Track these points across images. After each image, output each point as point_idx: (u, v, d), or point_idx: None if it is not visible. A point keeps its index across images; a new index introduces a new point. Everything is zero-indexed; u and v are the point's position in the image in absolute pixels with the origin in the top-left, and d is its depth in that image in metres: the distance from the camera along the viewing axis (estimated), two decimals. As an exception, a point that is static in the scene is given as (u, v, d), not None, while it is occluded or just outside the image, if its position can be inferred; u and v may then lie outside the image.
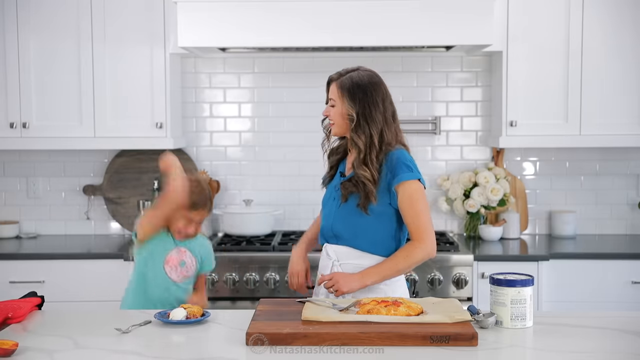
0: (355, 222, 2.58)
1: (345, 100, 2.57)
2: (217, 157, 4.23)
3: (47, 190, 4.25)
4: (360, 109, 2.56)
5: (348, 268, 2.58)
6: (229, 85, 4.20)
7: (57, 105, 3.86)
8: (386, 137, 2.56)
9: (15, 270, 3.66)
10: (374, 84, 2.59)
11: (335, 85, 2.60)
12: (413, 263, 2.55)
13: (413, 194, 2.53)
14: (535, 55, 3.80)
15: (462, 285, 3.54)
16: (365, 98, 2.56)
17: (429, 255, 2.55)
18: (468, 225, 4.11)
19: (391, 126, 2.59)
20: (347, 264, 2.59)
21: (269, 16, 3.54)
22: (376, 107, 2.56)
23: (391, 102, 2.62)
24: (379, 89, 2.59)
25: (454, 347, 1.98)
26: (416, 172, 2.55)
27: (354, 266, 2.58)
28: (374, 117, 2.56)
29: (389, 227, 2.59)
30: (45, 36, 3.83)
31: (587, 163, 4.19)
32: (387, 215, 2.58)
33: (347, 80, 2.59)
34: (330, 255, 2.63)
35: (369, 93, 2.57)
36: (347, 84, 2.58)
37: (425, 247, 2.52)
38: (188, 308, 2.27)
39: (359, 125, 2.56)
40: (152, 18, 3.81)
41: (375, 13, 3.53)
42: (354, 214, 2.57)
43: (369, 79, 2.60)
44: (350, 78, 2.59)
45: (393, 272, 2.54)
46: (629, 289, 3.62)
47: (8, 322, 2.24)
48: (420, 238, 2.53)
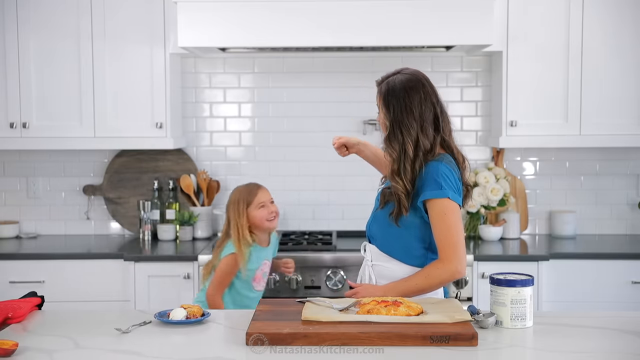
0: (387, 229, 2.52)
1: (382, 109, 2.49)
2: (217, 157, 4.23)
3: (47, 190, 4.25)
4: (394, 117, 2.44)
5: (379, 270, 2.56)
6: (229, 85, 4.20)
7: (57, 105, 3.86)
8: (423, 146, 2.42)
9: (15, 270, 3.66)
10: (409, 89, 2.45)
11: (378, 91, 2.52)
12: (435, 283, 2.42)
13: (440, 211, 2.39)
14: (535, 55, 3.80)
15: (462, 285, 3.54)
16: (398, 105, 2.44)
17: (454, 276, 2.40)
18: (468, 225, 4.11)
19: (428, 133, 2.44)
20: (378, 265, 2.57)
21: (269, 16, 3.54)
22: (410, 114, 2.43)
23: (434, 104, 2.47)
24: (414, 94, 2.44)
25: (454, 347, 1.97)
26: (447, 188, 2.38)
27: (385, 269, 2.54)
28: (408, 125, 2.42)
29: (419, 238, 2.49)
30: (45, 36, 3.83)
31: (587, 163, 4.19)
32: (417, 227, 2.48)
33: (384, 87, 2.49)
34: (366, 254, 2.62)
35: (402, 99, 2.44)
36: (384, 91, 2.48)
37: (448, 268, 2.38)
38: (188, 308, 2.27)
39: (393, 134, 2.44)
40: (152, 18, 3.81)
41: (376, 13, 3.53)
42: (387, 221, 2.50)
43: (405, 83, 2.46)
44: (387, 84, 2.49)
45: (414, 291, 2.43)
46: (628, 289, 3.62)
47: (8, 322, 2.24)
48: (443, 257, 2.40)
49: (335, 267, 3.57)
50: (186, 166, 4.18)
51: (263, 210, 3.14)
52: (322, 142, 4.14)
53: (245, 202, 3.14)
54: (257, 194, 3.16)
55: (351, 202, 4.20)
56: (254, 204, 3.14)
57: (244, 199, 3.15)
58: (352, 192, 4.20)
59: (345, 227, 4.14)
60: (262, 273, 3.18)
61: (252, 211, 3.14)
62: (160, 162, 4.17)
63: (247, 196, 3.15)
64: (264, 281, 3.22)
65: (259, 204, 3.14)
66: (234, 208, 3.14)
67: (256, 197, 3.15)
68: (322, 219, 4.22)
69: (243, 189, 3.20)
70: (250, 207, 3.14)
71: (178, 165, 4.18)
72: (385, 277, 2.55)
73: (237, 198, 3.16)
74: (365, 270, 2.60)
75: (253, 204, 3.14)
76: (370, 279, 2.58)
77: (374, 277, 2.57)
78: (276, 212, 3.19)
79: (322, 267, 3.58)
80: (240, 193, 3.18)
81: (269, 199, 3.19)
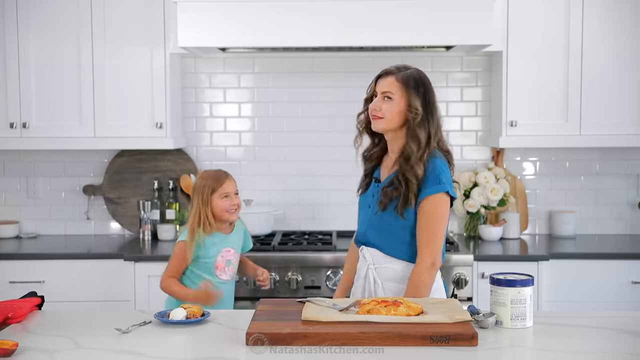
0: (387, 231, 2.55)
1: (410, 94, 2.52)
2: (217, 157, 4.23)
3: (47, 190, 4.25)
4: (425, 104, 2.52)
5: (383, 272, 2.57)
6: (229, 85, 4.20)
7: (57, 105, 3.86)
8: (433, 141, 2.53)
9: (15, 270, 3.66)
10: (430, 83, 2.58)
11: (396, 78, 2.53)
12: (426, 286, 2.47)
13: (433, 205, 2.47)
14: (535, 55, 3.80)
15: (462, 285, 3.54)
16: (428, 94, 2.54)
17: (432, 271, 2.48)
18: (468, 225, 4.11)
19: (440, 130, 2.58)
20: (381, 267, 2.58)
21: (269, 16, 3.54)
22: (435, 105, 2.56)
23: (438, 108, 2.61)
24: (434, 92, 2.57)
25: (454, 347, 1.97)
26: (445, 183, 2.48)
27: (388, 270, 2.56)
28: (435, 116, 2.54)
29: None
30: (45, 36, 3.83)
31: (587, 163, 4.19)
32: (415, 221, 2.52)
33: (410, 75, 2.54)
34: (366, 259, 2.61)
35: (430, 91, 2.55)
36: (411, 79, 2.53)
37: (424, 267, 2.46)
38: (188, 308, 2.27)
39: (422, 121, 2.50)
40: (152, 18, 3.81)
41: (376, 13, 3.52)
42: (387, 222, 2.53)
43: (426, 77, 2.58)
44: (412, 74, 2.55)
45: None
46: (628, 289, 3.62)
47: (8, 322, 2.24)
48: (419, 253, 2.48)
49: (335, 267, 3.57)
50: (186, 166, 4.18)
51: (226, 201, 3.01)
52: (322, 142, 4.14)
53: (210, 188, 3.01)
54: (224, 183, 3.03)
55: (351, 202, 4.15)
56: (218, 192, 3.01)
57: (209, 185, 3.02)
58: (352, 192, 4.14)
59: (345, 227, 4.13)
60: (224, 261, 3.04)
61: (215, 199, 3.01)
62: (160, 162, 4.17)
63: (212, 183, 3.02)
64: (231, 270, 3.07)
65: (223, 193, 3.02)
66: (198, 193, 3.02)
67: (222, 186, 3.02)
68: (322, 219, 4.22)
69: (211, 175, 3.06)
70: (214, 194, 3.01)
71: (178, 165, 4.18)
72: (389, 279, 2.55)
73: (203, 184, 3.02)
74: (369, 273, 2.59)
75: (217, 192, 3.01)
76: (375, 281, 2.57)
77: (379, 279, 2.57)
78: (238, 205, 3.06)
79: (322, 267, 3.58)
80: (206, 179, 3.04)
81: (234, 191, 3.05)
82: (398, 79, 2.53)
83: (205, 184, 3.02)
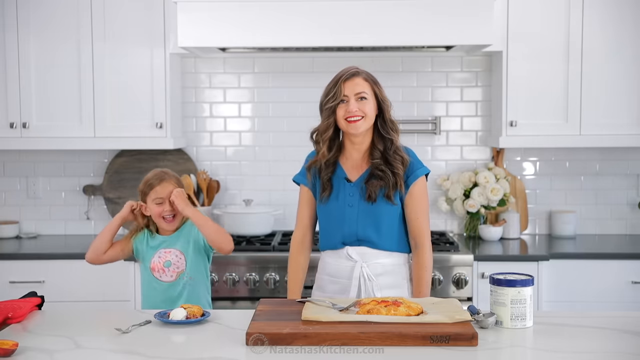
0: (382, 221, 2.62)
1: (377, 89, 2.64)
2: (217, 157, 4.23)
3: (47, 190, 4.25)
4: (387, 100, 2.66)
5: (376, 268, 2.61)
6: (229, 85, 4.20)
7: (57, 105, 3.86)
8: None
9: (15, 270, 3.66)
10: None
11: (363, 78, 2.63)
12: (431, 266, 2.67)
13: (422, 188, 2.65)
14: (535, 55, 3.80)
15: (462, 285, 3.54)
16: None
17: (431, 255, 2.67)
18: (468, 225, 4.11)
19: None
20: (374, 263, 2.62)
21: (269, 16, 3.54)
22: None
23: None
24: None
25: (454, 347, 1.98)
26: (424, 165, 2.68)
27: (381, 265, 2.62)
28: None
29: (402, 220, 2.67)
30: (45, 36, 3.83)
31: (587, 163, 4.19)
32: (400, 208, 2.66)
33: (368, 75, 2.66)
34: (353, 257, 2.64)
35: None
36: (370, 75, 2.66)
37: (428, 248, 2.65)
38: (188, 308, 2.27)
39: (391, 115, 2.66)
40: (152, 18, 3.81)
41: (375, 13, 3.52)
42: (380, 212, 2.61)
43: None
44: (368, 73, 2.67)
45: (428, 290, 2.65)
46: (629, 289, 3.62)
47: (8, 322, 2.24)
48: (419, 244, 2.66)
49: (335, 267, 3.56)
50: (186, 166, 4.18)
51: (159, 207, 2.82)
52: (322, 142, 4.14)
53: (142, 193, 2.86)
54: (155, 187, 2.82)
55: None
56: (150, 197, 2.83)
57: (142, 188, 2.86)
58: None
59: (345, 227, 4.13)
60: (162, 262, 2.84)
61: (149, 203, 2.84)
62: (160, 162, 4.17)
63: (143, 186, 2.85)
64: (171, 272, 2.84)
65: (155, 199, 2.82)
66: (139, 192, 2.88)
67: (152, 191, 2.82)
68: (322, 219, 4.21)
69: (147, 176, 2.87)
70: (147, 198, 2.84)
71: (178, 165, 4.18)
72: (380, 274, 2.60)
73: (140, 185, 2.88)
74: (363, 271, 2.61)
75: (149, 196, 2.83)
76: (368, 278, 2.59)
77: (372, 276, 2.59)
78: (170, 211, 2.83)
79: (322, 267, 3.57)
80: (142, 181, 2.88)
81: (168, 195, 2.81)
82: (365, 78, 2.63)
83: (140, 186, 2.88)
